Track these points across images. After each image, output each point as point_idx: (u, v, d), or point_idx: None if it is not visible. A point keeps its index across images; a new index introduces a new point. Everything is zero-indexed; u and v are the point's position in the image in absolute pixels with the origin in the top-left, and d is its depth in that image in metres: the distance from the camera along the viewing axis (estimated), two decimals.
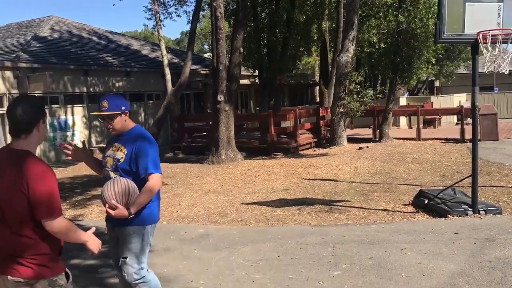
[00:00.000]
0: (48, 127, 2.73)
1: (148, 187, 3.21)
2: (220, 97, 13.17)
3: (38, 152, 17.14)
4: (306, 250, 5.31)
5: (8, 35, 21.91)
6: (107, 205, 3.14)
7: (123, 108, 3.35)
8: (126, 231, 3.26)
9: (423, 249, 5.06)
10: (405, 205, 7.33)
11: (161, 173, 3.32)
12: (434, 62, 17.90)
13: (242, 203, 8.25)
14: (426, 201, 6.87)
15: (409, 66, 16.27)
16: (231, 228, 6.68)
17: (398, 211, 6.97)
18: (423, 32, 15.51)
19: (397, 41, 16.06)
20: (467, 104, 22.94)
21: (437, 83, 39.95)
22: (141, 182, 3.24)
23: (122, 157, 3.28)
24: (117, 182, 3.15)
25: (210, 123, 14.84)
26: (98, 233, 3.10)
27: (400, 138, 17.24)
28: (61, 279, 2.53)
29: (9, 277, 2.42)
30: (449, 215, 6.30)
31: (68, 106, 18.27)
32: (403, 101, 23.50)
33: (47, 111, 13.10)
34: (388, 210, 7.08)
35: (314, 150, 15.87)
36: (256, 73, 21.70)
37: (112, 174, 3.29)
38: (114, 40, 24.90)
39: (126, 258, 3.28)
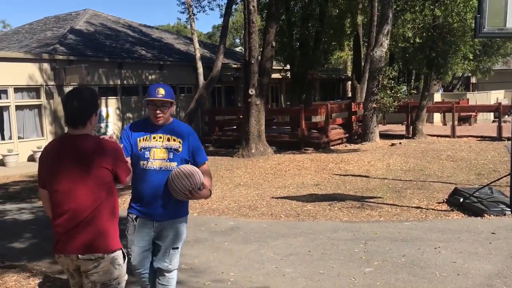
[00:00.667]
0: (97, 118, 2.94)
1: (209, 172, 3.36)
2: (251, 91, 13.17)
3: None
4: (337, 245, 5.26)
5: (46, 28, 22.46)
6: (188, 192, 3.10)
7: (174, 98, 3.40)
8: (177, 222, 3.28)
9: (458, 248, 4.93)
10: (439, 203, 7.17)
11: None
12: (471, 57, 17.38)
13: (272, 197, 8.23)
14: (461, 200, 6.70)
15: (444, 61, 15.87)
16: (261, 221, 6.68)
17: (432, 209, 6.82)
18: (460, 26, 15.09)
19: (433, 35, 15.68)
20: (504, 101, 22.32)
21: (473, 80, 38.88)
22: None
23: (179, 147, 3.23)
24: (187, 168, 3.16)
25: (241, 116, 14.86)
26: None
27: (434, 135, 16.88)
28: (120, 258, 2.68)
29: (80, 255, 2.58)
30: (485, 215, 6.13)
31: (102, 98, 18.60)
32: (437, 97, 22.99)
33: None
34: (421, 208, 6.94)
35: (346, 146, 15.71)
36: (288, 67, 21.62)
37: (165, 164, 3.19)
38: (148, 33, 25.18)
39: (177, 248, 3.33)
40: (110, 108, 18.88)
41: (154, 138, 3.22)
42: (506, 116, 19.25)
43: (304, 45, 19.32)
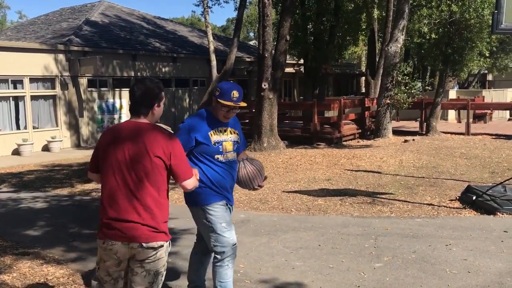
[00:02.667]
0: (162, 109, 2.96)
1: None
2: (264, 85, 13.15)
3: (86, 133, 17.74)
4: (347, 240, 5.26)
5: (62, 19, 22.64)
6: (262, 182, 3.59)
7: None
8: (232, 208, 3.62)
9: (469, 246, 4.90)
10: (452, 200, 7.12)
11: None
12: (487, 54, 17.15)
13: (283, 191, 8.24)
14: (474, 197, 6.64)
15: (460, 58, 15.69)
16: (272, 215, 6.70)
17: (444, 206, 6.78)
18: (477, 22, 14.90)
19: (449, 31, 15.51)
20: None
21: (489, 77, 38.41)
22: None
23: (238, 139, 3.50)
24: (258, 165, 3.57)
25: (253, 110, 14.85)
26: None
27: (448, 132, 16.74)
28: (169, 246, 2.77)
29: (144, 243, 2.63)
30: (498, 213, 6.08)
31: (116, 89, 18.74)
32: (452, 94, 22.75)
33: (96, 94, 13.45)
34: (433, 205, 6.90)
35: (358, 141, 15.64)
36: (301, 61, 21.53)
37: (233, 156, 3.46)
38: (162, 26, 25.25)
39: None
40: (123, 100, 19.00)
41: (221, 131, 3.41)
42: None
43: (318, 40, 19.23)
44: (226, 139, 3.39)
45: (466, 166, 10.22)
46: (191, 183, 2.78)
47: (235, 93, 3.29)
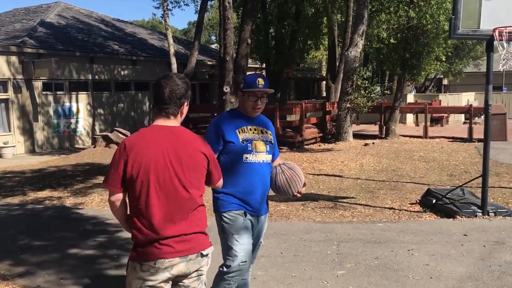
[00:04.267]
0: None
1: None
2: (226, 88, 12.97)
3: (41, 138, 17.09)
4: (310, 247, 5.17)
5: (15, 20, 21.80)
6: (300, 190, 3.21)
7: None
8: (265, 217, 3.31)
9: (431, 251, 4.90)
10: (412, 204, 7.17)
11: None
12: (443, 59, 17.59)
13: None
14: (434, 201, 6.71)
15: (418, 62, 16.01)
16: None
17: (405, 210, 6.81)
18: (434, 28, 15.25)
19: (407, 37, 15.81)
20: (475, 103, 22.71)
21: (445, 81, 39.57)
22: None
23: (272, 140, 3.24)
24: (297, 170, 3.23)
25: (215, 114, 14.67)
26: (98, 222, 2.96)
27: (407, 136, 17.04)
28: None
29: (203, 251, 2.43)
30: (457, 216, 6.14)
31: (73, 93, 18.17)
32: (410, 98, 23.25)
33: (51, 97, 12.91)
34: (394, 209, 6.92)
35: (320, 145, 15.70)
36: (264, 66, 21.50)
37: (266, 157, 3.17)
38: (121, 28, 24.73)
39: (262, 241, 3.39)
40: (80, 103, 18.45)
41: (250, 129, 3.15)
42: (477, 118, 19.59)
43: (279, 44, 19.25)
44: (256, 137, 3.13)
45: (425, 169, 10.38)
46: (221, 181, 2.74)
47: (261, 81, 3.11)
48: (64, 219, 7.16)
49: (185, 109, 2.52)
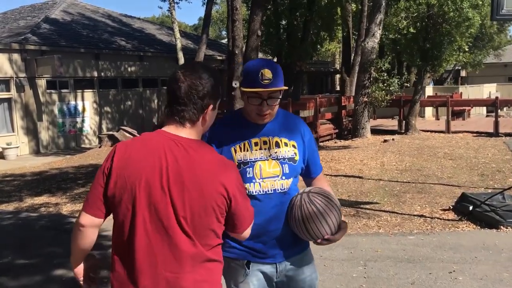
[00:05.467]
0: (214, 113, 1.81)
1: (329, 188, 2.22)
2: (235, 84, 12.20)
3: (46, 138, 16.51)
4: (331, 268, 4.40)
5: (20, 17, 21.28)
6: (325, 240, 2.06)
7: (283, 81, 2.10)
8: (305, 253, 2.19)
9: (477, 273, 4.10)
10: (445, 210, 6.34)
11: None
12: (466, 49, 16.61)
13: None
14: (470, 208, 5.87)
15: (439, 53, 15.08)
16: None
17: (437, 218, 5.99)
18: (456, 16, 14.30)
19: (427, 26, 14.88)
20: (497, 95, 21.67)
21: (463, 73, 38.36)
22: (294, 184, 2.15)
23: (296, 154, 2.10)
24: (323, 200, 2.06)
25: (225, 111, 13.93)
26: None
27: (427, 131, 16.13)
28: None
29: None
30: (501, 227, 5.31)
31: (78, 91, 17.58)
32: (429, 90, 22.29)
33: (56, 96, 11.82)
34: (425, 216, 6.10)
35: (335, 142, 14.88)
36: (275, 59, 20.70)
37: (279, 184, 2.07)
38: (128, 23, 24.10)
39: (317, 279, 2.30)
40: (86, 101, 17.84)
41: (256, 144, 2.07)
42: (499, 110, 18.60)
43: (291, 36, 18.41)
44: (263, 156, 2.06)
45: (452, 168, 9.52)
46: (249, 231, 1.87)
47: (266, 73, 1.96)
48: (57, 230, 6.50)
49: (210, 114, 1.74)
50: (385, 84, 15.06)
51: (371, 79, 14.94)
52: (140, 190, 1.62)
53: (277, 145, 2.09)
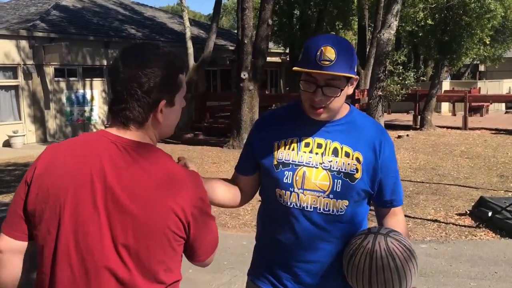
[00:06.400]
0: (179, 112, 1.39)
1: (406, 231, 1.74)
2: (243, 75, 11.82)
3: (53, 126, 16.30)
4: None
5: (32, 3, 21.03)
6: None
7: (354, 69, 1.59)
8: None
9: None
10: (461, 215, 5.89)
11: None
12: (487, 42, 15.97)
13: (260, 200, 6.97)
14: (490, 214, 5.41)
15: (458, 46, 14.49)
16: (242, 235, 5.42)
17: (453, 224, 5.55)
18: (477, 7, 13.69)
19: (446, 17, 14.28)
20: None
21: (481, 67, 37.37)
22: (361, 215, 1.68)
23: (357, 170, 1.59)
24: (401, 246, 1.53)
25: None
26: None
27: (443, 127, 15.58)
28: None
29: None
30: None
31: (86, 79, 17.30)
32: (446, 85, 21.64)
33: (64, 84, 11.18)
34: (439, 222, 5.66)
35: None
36: (287, 50, 20.24)
37: (325, 203, 1.59)
38: (140, 12, 23.77)
39: None
40: (95, 90, 17.54)
41: (306, 145, 1.62)
42: None
43: (305, 26, 17.94)
44: (312, 162, 1.59)
45: (469, 167, 9.03)
46: (211, 259, 1.46)
47: (327, 51, 1.48)
48: None
49: (167, 112, 1.31)
50: (400, 78, 14.53)
51: (386, 72, 14.38)
52: (65, 207, 1.24)
53: (335, 152, 1.59)
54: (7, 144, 14.79)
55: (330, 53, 1.49)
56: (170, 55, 1.33)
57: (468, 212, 5.89)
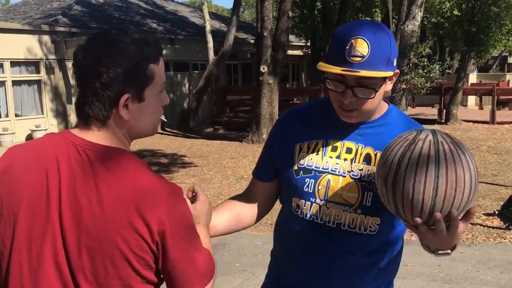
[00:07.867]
0: (158, 107, 1.24)
1: None
2: (263, 68, 11.61)
3: (75, 120, 16.41)
4: None
5: None
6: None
7: (393, 63, 1.34)
8: None
9: None
10: (489, 215, 5.60)
11: None
12: None
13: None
14: None
15: (486, 37, 13.99)
16: (256, 235, 5.24)
17: (480, 225, 5.28)
18: None
19: (474, 7, 13.79)
20: None
21: (510, 59, 36.31)
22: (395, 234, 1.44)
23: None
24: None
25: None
26: None
27: (470, 121, 15.10)
28: None
29: None
30: None
31: None
32: (473, 78, 21.03)
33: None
34: None
35: None
36: (308, 43, 19.93)
37: (350, 219, 1.36)
38: (162, 6, 23.77)
39: None
40: None
41: (334, 149, 1.40)
42: None
43: (327, 18, 17.59)
44: (339, 169, 1.38)
45: (497, 163, 8.67)
46: None
47: (359, 45, 1.25)
48: None
49: (134, 109, 1.12)
50: (425, 71, 14.13)
51: (411, 64, 14.01)
52: (19, 219, 1.07)
53: (367, 159, 1.37)
54: (29, 138, 14.93)
55: (362, 47, 1.25)
56: (140, 43, 1.14)
57: (497, 212, 5.58)
